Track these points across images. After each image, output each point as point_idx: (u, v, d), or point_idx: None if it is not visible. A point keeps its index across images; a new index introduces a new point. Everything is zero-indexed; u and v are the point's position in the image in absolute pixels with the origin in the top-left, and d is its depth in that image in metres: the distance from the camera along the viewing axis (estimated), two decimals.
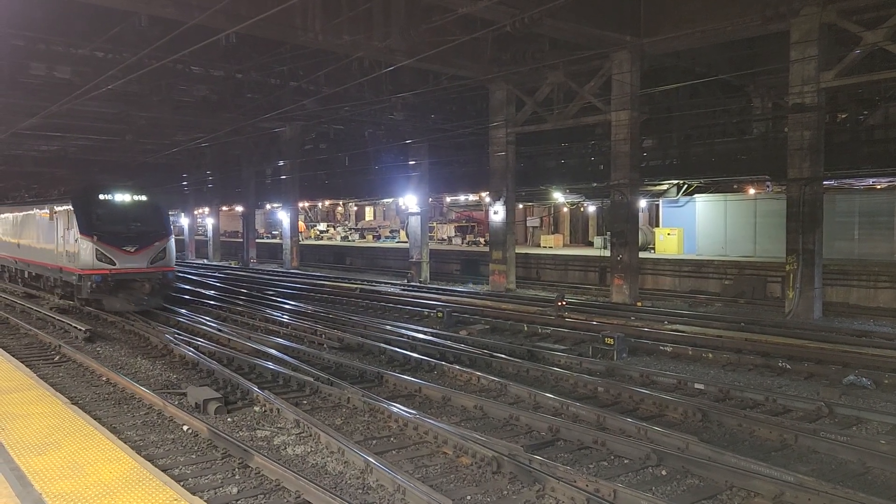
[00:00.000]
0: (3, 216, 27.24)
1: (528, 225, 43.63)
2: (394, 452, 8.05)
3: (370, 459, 7.33)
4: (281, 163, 38.58)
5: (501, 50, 20.86)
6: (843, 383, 11.19)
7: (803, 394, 10.69)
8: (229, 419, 9.48)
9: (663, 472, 7.33)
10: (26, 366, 11.40)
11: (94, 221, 18.35)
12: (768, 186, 26.35)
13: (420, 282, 29.09)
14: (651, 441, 8.08)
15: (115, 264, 17.96)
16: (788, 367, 12.23)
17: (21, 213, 24.82)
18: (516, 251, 26.22)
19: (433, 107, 28.04)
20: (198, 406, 9.83)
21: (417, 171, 31.52)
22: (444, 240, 46.62)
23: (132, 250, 18.24)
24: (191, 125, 29.06)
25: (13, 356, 12.40)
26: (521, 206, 39.31)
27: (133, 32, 17.19)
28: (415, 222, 31.31)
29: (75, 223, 18.41)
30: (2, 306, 21.20)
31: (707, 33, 18.45)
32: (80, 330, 15.75)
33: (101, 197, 18.97)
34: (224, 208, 51.38)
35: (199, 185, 48.45)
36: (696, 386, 10.89)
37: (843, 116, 26.08)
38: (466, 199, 43.12)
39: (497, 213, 25.15)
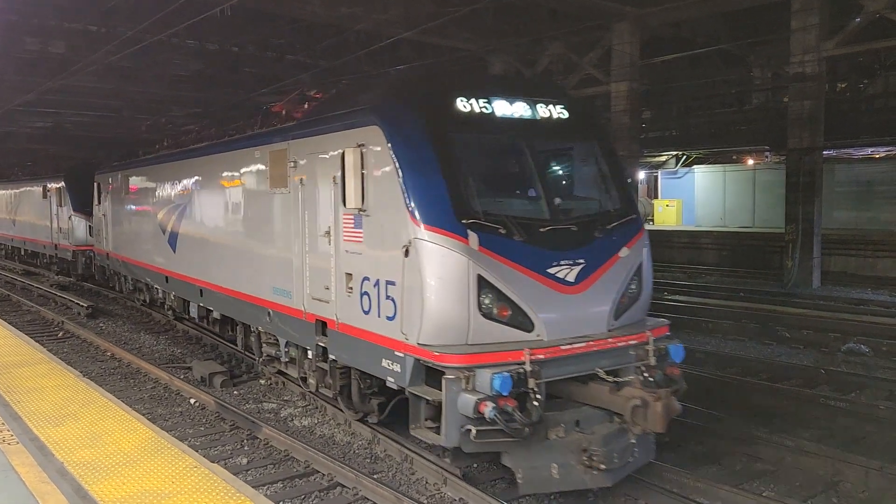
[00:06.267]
0: (163, 183, 13.12)
1: None
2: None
3: (377, 430, 7.43)
4: None
5: (502, 21, 20.66)
6: (841, 351, 11.32)
7: (803, 361, 10.83)
8: (235, 392, 9.60)
9: (666, 440, 7.45)
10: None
11: (461, 180, 6.21)
12: (767, 157, 26.34)
13: None
14: None
15: (531, 329, 6.01)
16: (788, 335, 12.37)
17: (209, 177, 10.98)
18: None
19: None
20: (204, 380, 9.95)
21: None
22: None
23: (572, 279, 6.23)
24: (187, 100, 28.83)
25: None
26: None
27: (127, 6, 16.97)
28: None
29: (399, 188, 6.16)
30: (2, 283, 21.23)
31: (708, 3, 18.30)
32: (82, 306, 15.81)
33: (461, 106, 6.57)
34: None
35: None
36: (697, 356, 11.02)
37: (843, 86, 25.97)
38: None
39: None
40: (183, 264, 11.83)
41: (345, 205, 6.70)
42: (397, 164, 6.18)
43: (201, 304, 11.31)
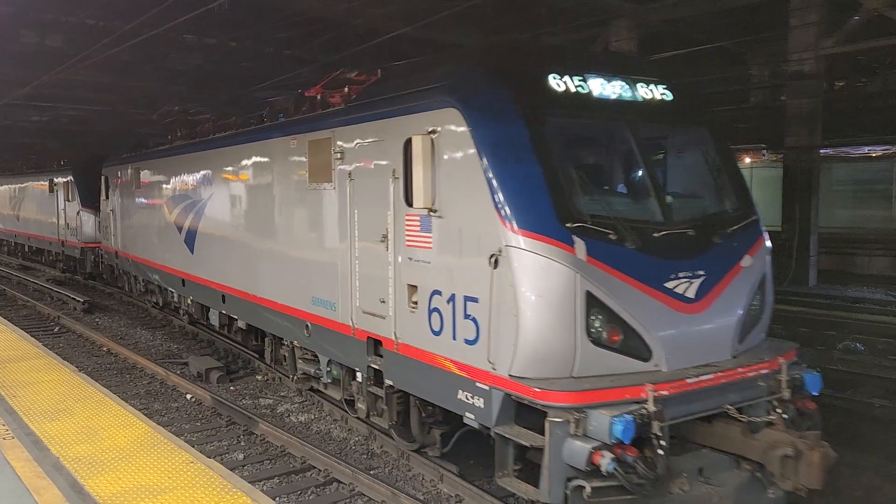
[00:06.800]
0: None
1: None
2: None
3: (374, 427, 7.42)
4: None
5: (501, 17, 20.67)
6: (837, 349, 11.35)
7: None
8: (232, 388, 9.61)
9: None
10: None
11: (560, 174, 5.12)
12: (765, 155, 26.34)
13: None
14: None
15: (647, 357, 4.99)
16: (784, 333, 12.37)
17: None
18: None
19: None
20: (200, 375, 9.95)
21: None
22: None
23: (692, 295, 5.19)
24: (185, 95, 28.78)
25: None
26: None
27: (126, 0, 16.92)
28: None
29: (484, 183, 5.08)
30: None
31: (707, 0, 18.33)
32: (79, 301, 15.78)
33: (555, 84, 5.46)
34: None
35: None
36: None
37: (841, 84, 25.98)
38: None
39: None
40: (202, 266, 10.68)
41: (409, 204, 5.65)
42: (482, 154, 5.06)
43: (223, 312, 10.19)
